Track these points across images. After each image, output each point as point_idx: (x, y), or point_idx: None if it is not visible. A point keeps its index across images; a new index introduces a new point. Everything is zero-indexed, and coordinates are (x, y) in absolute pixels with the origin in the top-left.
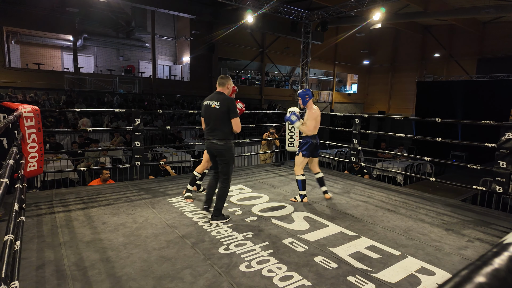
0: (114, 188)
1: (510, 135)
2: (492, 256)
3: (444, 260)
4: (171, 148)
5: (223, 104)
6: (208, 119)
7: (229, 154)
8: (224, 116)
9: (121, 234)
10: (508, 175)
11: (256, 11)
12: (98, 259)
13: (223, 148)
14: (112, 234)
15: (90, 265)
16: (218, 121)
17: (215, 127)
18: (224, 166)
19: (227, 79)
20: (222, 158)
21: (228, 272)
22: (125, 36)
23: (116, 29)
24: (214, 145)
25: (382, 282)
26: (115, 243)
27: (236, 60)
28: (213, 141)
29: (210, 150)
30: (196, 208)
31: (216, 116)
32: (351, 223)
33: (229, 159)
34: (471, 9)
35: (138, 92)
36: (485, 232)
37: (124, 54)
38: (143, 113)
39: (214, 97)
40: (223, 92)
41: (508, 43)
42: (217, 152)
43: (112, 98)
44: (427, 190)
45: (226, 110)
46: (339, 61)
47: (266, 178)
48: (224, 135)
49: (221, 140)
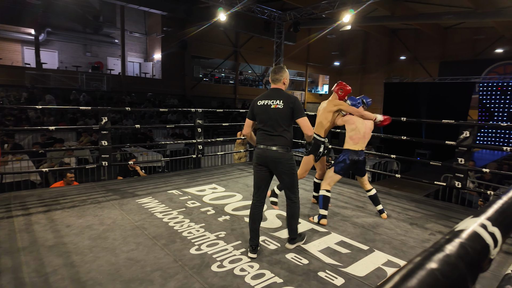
0: (79, 190)
1: (467, 134)
2: (444, 243)
3: (409, 253)
4: (141, 147)
5: (287, 103)
6: (264, 122)
7: (290, 164)
8: (286, 118)
9: (87, 237)
10: (465, 171)
11: (229, 9)
12: (61, 264)
13: (285, 157)
14: (77, 237)
15: (52, 271)
16: (280, 124)
17: (276, 131)
18: (288, 178)
19: (281, 72)
20: (283, 169)
21: (200, 273)
22: (92, 31)
23: (82, 23)
24: (271, 153)
25: (351, 276)
26: (80, 247)
27: (209, 59)
28: (273, 147)
29: (263, 159)
30: (167, 209)
31: (278, 117)
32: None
33: (291, 168)
34: (434, 15)
35: (107, 90)
36: (445, 225)
37: (92, 50)
38: (111, 111)
39: (273, 95)
40: (281, 88)
41: (467, 48)
42: (275, 163)
43: (78, 96)
44: (394, 187)
45: (290, 111)
46: (311, 62)
47: (240, 177)
48: (286, 142)
49: (283, 147)
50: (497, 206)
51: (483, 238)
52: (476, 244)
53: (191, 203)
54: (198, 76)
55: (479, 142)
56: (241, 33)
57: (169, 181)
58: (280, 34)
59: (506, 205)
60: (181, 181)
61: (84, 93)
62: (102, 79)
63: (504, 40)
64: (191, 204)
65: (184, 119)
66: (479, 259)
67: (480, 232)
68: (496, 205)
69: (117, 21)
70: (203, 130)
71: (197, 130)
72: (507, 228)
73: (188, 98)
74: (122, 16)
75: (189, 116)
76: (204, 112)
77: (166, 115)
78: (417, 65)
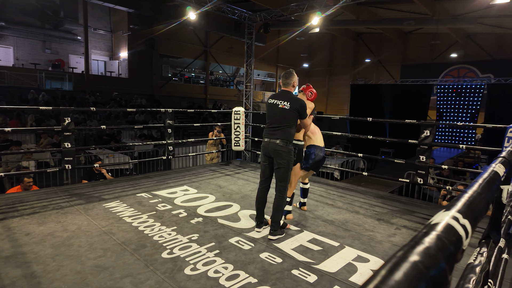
0: (40, 195)
1: (428, 133)
2: (422, 236)
3: (377, 247)
4: (107, 149)
5: (293, 104)
6: (271, 118)
7: (288, 158)
8: (292, 117)
9: (49, 245)
10: (427, 168)
11: (198, 9)
12: (20, 275)
13: (283, 150)
14: (37, 246)
15: (10, 283)
16: (284, 121)
17: (279, 127)
18: (282, 171)
19: (291, 77)
20: (281, 161)
21: (172, 277)
22: (52, 27)
23: (41, 18)
24: (273, 145)
25: (323, 273)
26: (42, 256)
27: (179, 58)
28: (276, 140)
29: (267, 150)
30: (136, 213)
31: (283, 115)
32: (294, 219)
33: (288, 163)
34: (395, 20)
35: (69, 89)
36: (409, 220)
37: (52, 47)
38: (74, 112)
39: (281, 96)
40: (290, 91)
41: (425, 52)
42: (275, 153)
43: (37, 95)
44: (361, 184)
45: (296, 111)
46: (281, 63)
47: (212, 178)
48: (287, 136)
49: (283, 141)
50: (465, 199)
51: (456, 230)
52: (451, 236)
53: (162, 206)
54: (167, 76)
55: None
56: (211, 33)
57: (137, 184)
58: (250, 35)
59: (472, 198)
60: (151, 184)
61: (44, 92)
62: (64, 78)
63: (458, 46)
64: (162, 207)
65: (153, 119)
66: (455, 250)
67: (453, 224)
68: (463, 199)
69: (80, 17)
70: (174, 130)
71: (167, 131)
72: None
73: (157, 98)
74: (85, 12)
75: (158, 116)
76: (174, 112)
77: (133, 116)
78: (381, 67)
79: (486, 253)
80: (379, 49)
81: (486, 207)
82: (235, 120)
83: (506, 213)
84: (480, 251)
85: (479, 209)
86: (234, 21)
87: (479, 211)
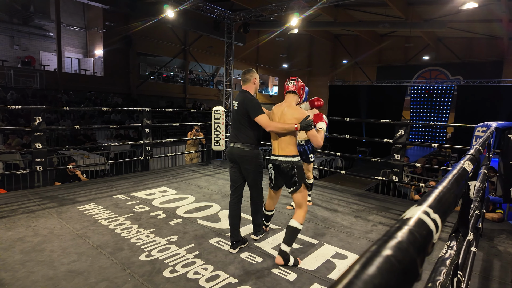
0: (8, 198)
1: (402, 132)
2: (395, 231)
3: (355, 244)
4: (81, 150)
5: (241, 104)
6: (232, 121)
7: (255, 162)
8: (244, 118)
9: (19, 251)
10: (401, 166)
11: (177, 7)
12: None
13: (248, 155)
14: (5, 252)
15: None
16: (239, 124)
17: (238, 131)
18: (251, 177)
19: (250, 73)
20: (247, 166)
21: (151, 280)
22: (21, 22)
23: (9, 13)
24: (236, 150)
25: (303, 271)
26: (10, 262)
27: (157, 56)
28: (237, 145)
29: (232, 156)
30: (112, 215)
31: (236, 118)
32: (274, 217)
33: (255, 167)
34: (371, 22)
35: (40, 87)
36: (385, 217)
37: (21, 43)
38: (45, 111)
39: (237, 97)
40: (248, 90)
41: (399, 54)
42: (240, 159)
43: (5, 94)
44: (339, 182)
45: (245, 111)
46: (261, 63)
47: (192, 178)
48: (248, 139)
49: (245, 145)
50: (435, 194)
51: (427, 224)
52: (422, 230)
53: (140, 208)
54: (145, 74)
55: (411, 139)
56: (190, 32)
57: (114, 185)
58: (230, 34)
59: (442, 193)
60: (128, 185)
61: (12, 90)
62: (34, 76)
63: (430, 48)
64: (140, 209)
65: (130, 119)
66: (425, 243)
67: (424, 219)
68: (434, 194)
69: (52, 12)
70: (151, 130)
71: (144, 131)
72: (444, 214)
73: (134, 97)
74: (57, 7)
75: (135, 116)
76: (152, 111)
77: (109, 115)
78: (358, 69)
79: (456, 246)
80: (356, 51)
81: (455, 202)
82: (215, 120)
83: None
84: (450, 244)
85: (449, 204)
86: (213, 20)
87: (448, 206)
